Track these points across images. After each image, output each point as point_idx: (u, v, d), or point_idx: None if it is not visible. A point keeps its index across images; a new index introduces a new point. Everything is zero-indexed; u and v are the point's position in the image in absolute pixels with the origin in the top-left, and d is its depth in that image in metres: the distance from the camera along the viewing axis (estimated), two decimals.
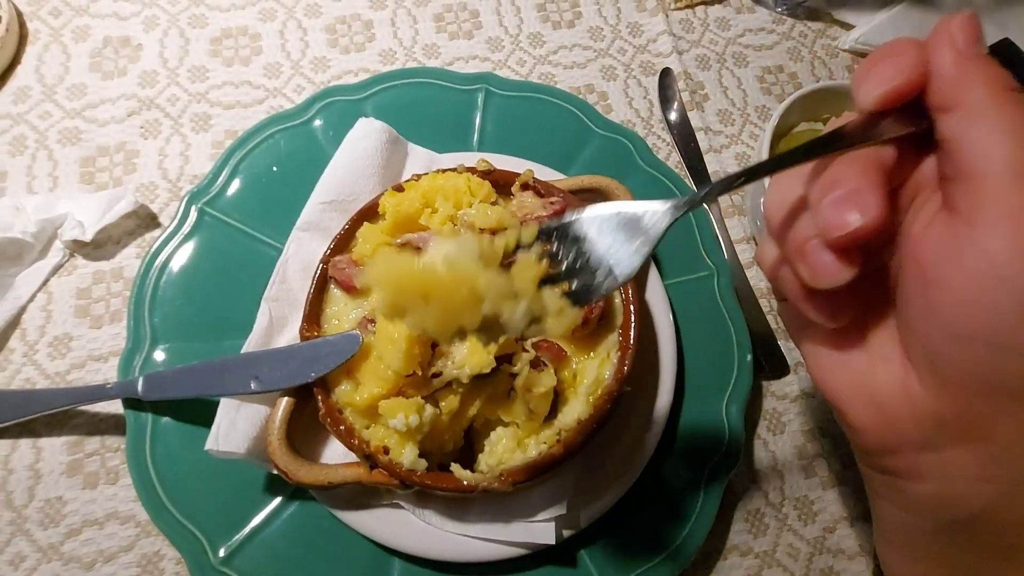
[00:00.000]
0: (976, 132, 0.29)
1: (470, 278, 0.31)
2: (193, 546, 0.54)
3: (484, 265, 0.31)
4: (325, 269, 0.55)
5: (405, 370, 0.47)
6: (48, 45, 0.78)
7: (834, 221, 0.30)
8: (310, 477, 0.50)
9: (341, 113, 0.71)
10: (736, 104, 0.86)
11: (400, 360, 0.46)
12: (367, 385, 0.48)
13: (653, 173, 0.74)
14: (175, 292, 0.62)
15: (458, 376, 0.47)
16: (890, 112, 0.32)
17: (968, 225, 0.29)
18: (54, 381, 0.63)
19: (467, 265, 0.31)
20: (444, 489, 0.49)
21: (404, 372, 0.47)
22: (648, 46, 0.88)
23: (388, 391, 0.48)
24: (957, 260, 0.29)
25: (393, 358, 0.47)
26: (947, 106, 0.30)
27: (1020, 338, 0.28)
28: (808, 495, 0.67)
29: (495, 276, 0.31)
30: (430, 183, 0.56)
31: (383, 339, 0.48)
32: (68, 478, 0.61)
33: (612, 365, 0.54)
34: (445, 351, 0.49)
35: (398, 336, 0.46)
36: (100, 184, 0.72)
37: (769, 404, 0.70)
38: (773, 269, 0.38)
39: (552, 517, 0.53)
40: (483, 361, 0.48)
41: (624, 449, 0.58)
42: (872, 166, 0.31)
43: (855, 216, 0.29)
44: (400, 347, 0.46)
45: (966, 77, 0.30)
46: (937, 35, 0.32)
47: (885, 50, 0.32)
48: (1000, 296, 0.28)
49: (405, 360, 0.47)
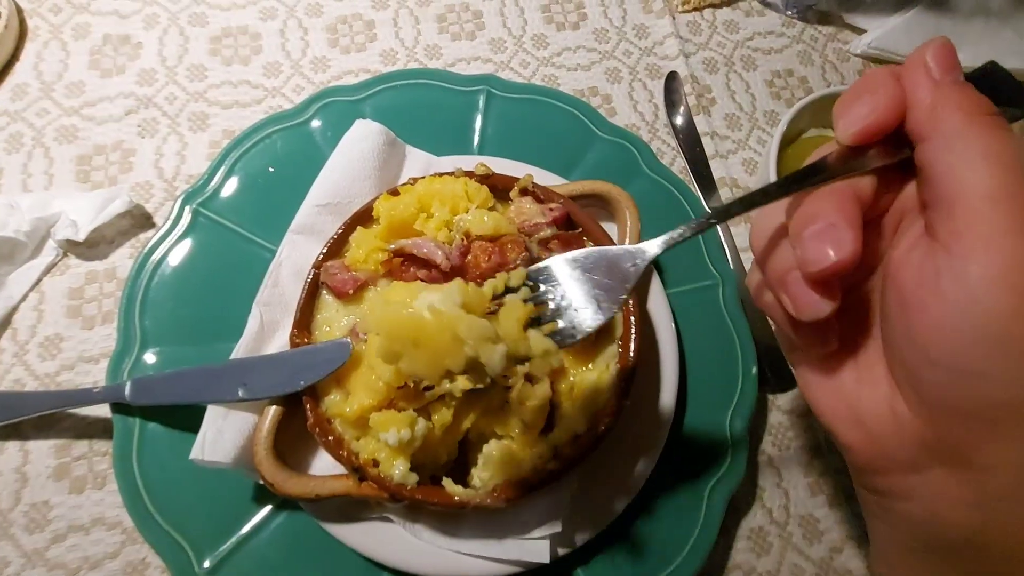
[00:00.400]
0: (952, 158, 0.30)
1: (452, 324, 0.33)
2: (178, 556, 0.53)
3: (467, 311, 0.34)
4: (317, 274, 0.53)
5: (396, 381, 0.45)
6: (48, 42, 0.77)
7: (811, 256, 0.31)
8: (297, 489, 0.48)
9: (340, 114, 0.70)
10: (744, 109, 0.84)
11: (391, 371, 0.45)
12: (357, 396, 0.47)
13: (657, 179, 0.72)
14: (167, 294, 0.61)
15: (451, 390, 0.46)
16: (871, 144, 0.33)
17: (946, 251, 0.29)
18: (44, 382, 0.62)
19: (450, 312, 0.33)
20: (435, 504, 0.48)
21: (395, 383, 0.45)
22: (654, 48, 0.86)
23: (379, 403, 0.46)
24: (935, 285, 0.30)
25: (384, 369, 0.45)
26: (924, 135, 0.31)
27: (994, 365, 0.28)
28: (814, 513, 0.65)
29: (476, 322, 0.33)
30: (426, 187, 0.55)
31: (374, 349, 0.46)
32: (55, 482, 0.60)
33: (611, 378, 0.52)
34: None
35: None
36: (96, 183, 0.71)
37: (775, 418, 0.68)
38: (759, 296, 0.39)
39: (547, 535, 0.51)
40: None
41: (622, 464, 0.56)
42: (849, 199, 0.32)
43: (830, 252, 0.30)
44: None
45: (942, 105, 0.30)
46: (912, 65, 0.32)
47: (862, 85, 0.33)
48: (975, 323, 0.28)
49: (396, 371, 0.45)
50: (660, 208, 0.70)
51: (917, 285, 0.31)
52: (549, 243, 0.51)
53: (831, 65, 0.88)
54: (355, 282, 0.51)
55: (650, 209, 0.68)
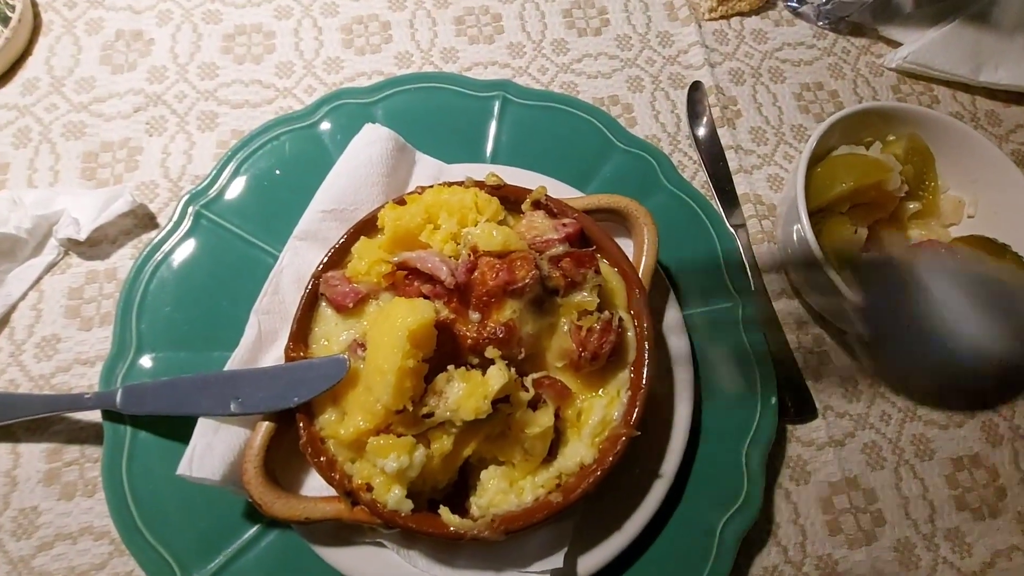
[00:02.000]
0: None
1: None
2: (163, 571, 0.51)
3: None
4: (316, 285, 0.51)
5: (395, 405, 0.43)
6: (60, 37, 0.77)
7: None
8: (286, 511, 0.46)
9: (350, 116, 0.68)
10: (770, 122, 0.81)
11: (390, 394, 0.42)
12: (353, 417, 0.45)
13: (678, 193, 0.69)
14: (165, 298, 0.59)
15: (451, 419, 0.43)
16: None
17: None
18: (38, 384, 0.61)
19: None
20: (430, 534, 0.45)
21: (394, 407, 0.43)
22: (678, 57, 0.83)
23: (376, 426, 0.44)
24: None
25: (382, 391, 0.43)
26: None
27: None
28: (832, 554, 0.61)
29: None
30: (434, 197, 0.52)
31: (372, 369, 0.44)
32: (45, 487, 0.58)
33: (622, 406, 0.49)
34: (439, 389, 0.44)
35: (388, 367, 0.42)
36: (101, 181, 0.70)
37: (793, 450, 0.64)
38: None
39: (547, 569, 0.48)
40: (479, 407, 0.43)
41: (630, 495, 0.53)
42: None
43: None
44: (390, 380, 0.42)
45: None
46: None
47: None
48: None
49: (395, 394, 0.43)
50: (679, 225, 0.67)
51: None
52: (561, 261, 0.48)
53: (863, 79, 0.85)
54: (356, 295, 0.49)
55: (669, 225, 0.65)
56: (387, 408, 0.43)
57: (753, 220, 0.74)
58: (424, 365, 0.44)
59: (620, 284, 0.53)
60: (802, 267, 0.65)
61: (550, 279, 0.47)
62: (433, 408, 0.43)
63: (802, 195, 0.62)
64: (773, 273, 0.72)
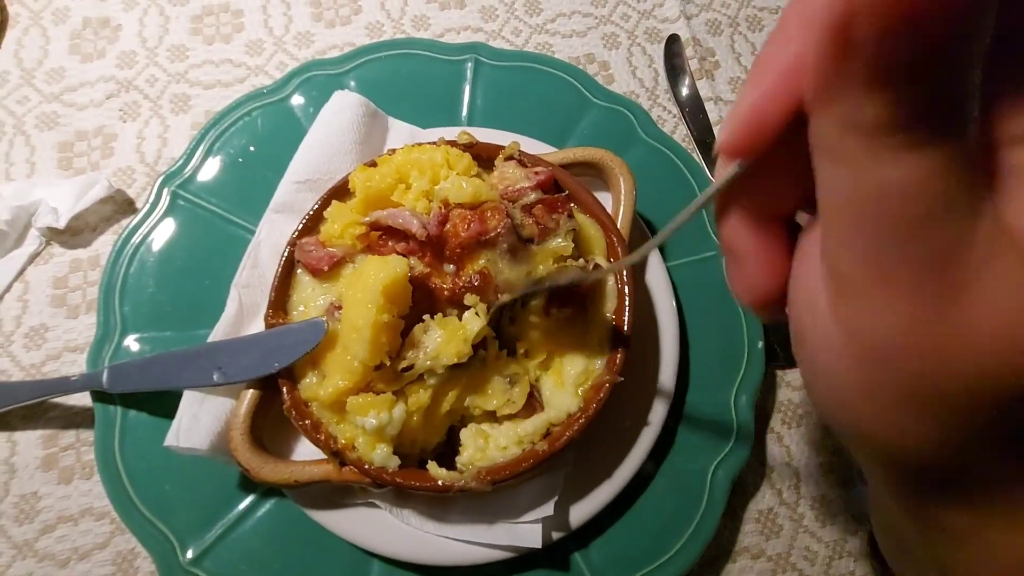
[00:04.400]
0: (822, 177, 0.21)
1: None
2: (162, 545, 0.52)
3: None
4: (292, 252, 0.51)
5: (371, 360, 0.43)
6: (28, 28, 0.76)
7: (737, 291, 0.28)
8: (275, 475, 0.46)
9: (322, 88, 0.67)
10: None
11: (366, 350, 0.42)
12: (332, 377, 0.45)
13: (657, 146, 0.68)
14: (147, 279, 0.60)
15: (432, 367, 0.43)
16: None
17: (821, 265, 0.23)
18: (29, 373, 0.61)
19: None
20: (419, 489, 0.45)
21: (370, 363, 0.43)
22: (654, 11, 0.82)
23: (355, 384, 0.44)
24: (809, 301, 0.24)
25: (358, 348, 0.43)
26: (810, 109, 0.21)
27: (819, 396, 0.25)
28: (826, 494, 0.61)
29: None
30: (405, 157, 0.52)
31: (348, 328, 0.44)
32: (43, 472, 0.59)
33: (604, 354, 0.49)
34: (416, 340, 0.44)
35: (362, 323, 0.42)
36: (78, 169, 0.69)
37: (784, 395, 0.64)
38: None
39: (538, 518, 0.49)
40: (460, 351, 0.43)
41: (620, 444, 0.53)
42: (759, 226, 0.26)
43: (745, 295, 0.27)
44: (365, 335, 0.42)
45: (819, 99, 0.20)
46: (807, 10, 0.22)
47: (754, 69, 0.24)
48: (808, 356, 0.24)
49: (371, 350, 0.43)
50: (660, 176, 0.67)
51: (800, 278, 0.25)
52: (533, 208, 0.48)
53: None
54: (331, 258, 0.49)
55: (650, 178, 0.65)
56: (364, 364, 0.43)
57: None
58: (400, 321, 0.44)
59: (598, 233, 0.53)
60: None
61: (523, 227, 0.47)
62: (413, 360, 0.43)
63: None
64: None
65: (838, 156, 0.19)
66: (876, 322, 0.20)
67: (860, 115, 0.18)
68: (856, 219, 0.20)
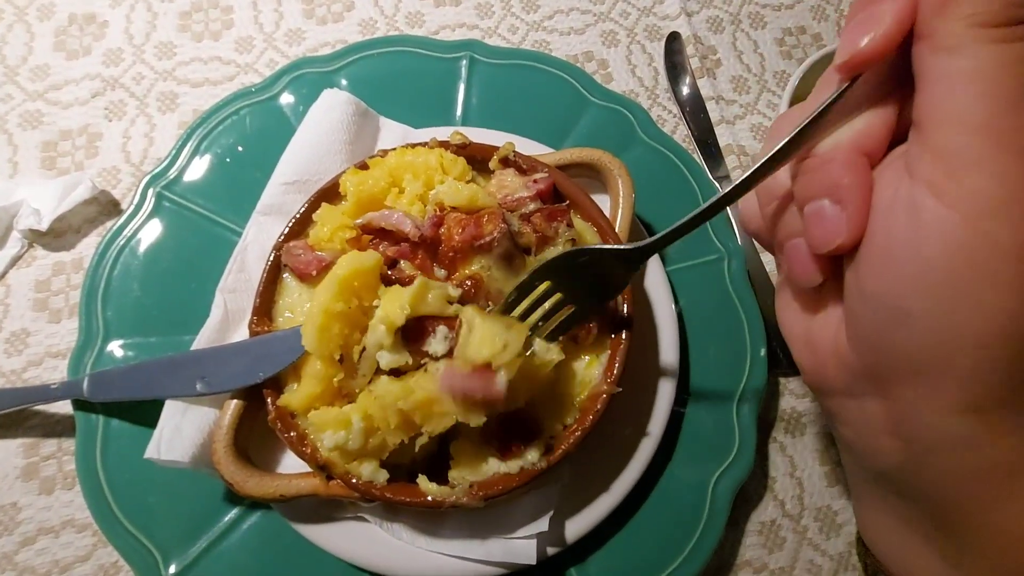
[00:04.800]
0: (938, 72, 0.26)
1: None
2: (145, 559, 0.50)
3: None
4: (278, 256, 0.49)
5: (321, 349, 0.41)
6: (12, 25, 0.74)
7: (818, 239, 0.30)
8: (260, 489, 0.44)
9: (312, 86, 0.65)
10: (752, 70, 0.78)
11: (315, 336, 0.40)
12: (304, 385, 0.43)
13: (656, 147, 0.66)
14: (131, 283, 0.58)
15: (380, 340, 0.40)
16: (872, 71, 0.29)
17: (909, 177, 0.27)
18: (10, 380, 0.59)
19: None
20: (408, 504, 0.44)
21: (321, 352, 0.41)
22: (654, 8, 0.80)
23: (324, 390, 0.42)
24: (889, 212, 0.28)
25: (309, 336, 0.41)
26: (920, 33, 0.27)
27: (925, 307, 0.27)
28: (831, 505, 0.59)
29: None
30: (398, 159, 0.50)
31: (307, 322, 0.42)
32: (24, 482, 0.57)
33: (601, 365, 0.47)
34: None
35: (315, 311, 0.40)
36: (62, 169, 0.68)
37: (787, 403, 0.62)
38: (748, 224, 0.39)
39: (533, 534, 0.47)
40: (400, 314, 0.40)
41: (618, 457, 0.52)
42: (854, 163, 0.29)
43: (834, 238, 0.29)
44: (316, 323, 0.40)
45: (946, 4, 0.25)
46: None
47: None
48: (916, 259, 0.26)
49: (319, 337, 0.40)
50: (660, 179, 0.65)
51: (877, 210, 0.29)
52: (532, 217, 0.46)
53: None
54: (319, 263, 0.47)
55: (649, 179, 0.63)
56: (320, 357, 0.41)
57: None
58: (361, 316, 0.42)
59: (595, 239, 0.51)
60: None
61: (521, 235, 0.45)
62: (364, 343, 0.41)
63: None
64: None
65: (962, 45, 0.25)
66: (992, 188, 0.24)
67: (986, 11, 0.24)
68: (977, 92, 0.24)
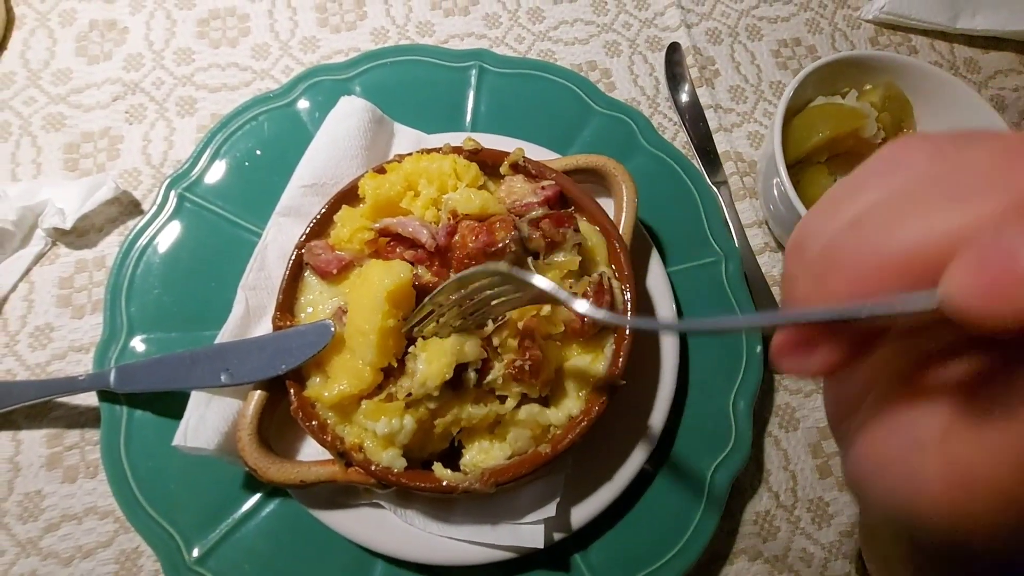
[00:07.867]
0: None
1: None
2: (167, 544, 0.52)
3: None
4: (300, 255, 0.51)
5: (379, 363, 0.44)
6: (34, 30, 0.76)
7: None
8: (281, 475, 0.47)
9: (327, 93, 0.68)
10: (749, 80, 0.81)
11: (374, 353, 0.43)
12: (337, 381, 0.45)
13: (657, 153, 0.69)
14: (153, 281, 0.60)
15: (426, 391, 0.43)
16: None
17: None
18: (35, 372, 0.62)
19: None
20: (423, 489, 0.46)
21: (378, 365, 0.44)
22: (655, 20, 0.83)
23: (361, 390, 0.45)
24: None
25: (366, 351, 0.43)
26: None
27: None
28: (823, 496, 0.62)
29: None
30: (413, 165, 0.53)
31: (353, 331, 0.44)
32: (47, 471, 0.59)
33: (606, 359, 0.50)
34: (409, 371, 0.45)
35: (368, 328, 0.43)
36: (84, 171, 0.70)
37: (781, 399, 0.65)
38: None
39: (540, 519, 0.49)
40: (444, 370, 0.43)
41: (619, 447, 0.54)
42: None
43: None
44: (372, 340, 0.43)
45: None
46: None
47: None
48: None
49: (379, 353, 0.43)
50: (661, 184, 0.68)
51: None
52: (540, 223, 0.49)
53: (841, 33, 0.85)
54: (339, 262, 0.50)
55: (650, 185, 0.66)
56: (372, 368, 0.44)
57: (735, 177, 0.75)
58: (403, 323, 0.45)
59: (600, 240, 0.54)
60: (783, 220, 0.65)
61: (530, 241, 0.48)
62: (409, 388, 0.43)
63: (779, 148, 0.63)
64: (756, 228, 0.72)
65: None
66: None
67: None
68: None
